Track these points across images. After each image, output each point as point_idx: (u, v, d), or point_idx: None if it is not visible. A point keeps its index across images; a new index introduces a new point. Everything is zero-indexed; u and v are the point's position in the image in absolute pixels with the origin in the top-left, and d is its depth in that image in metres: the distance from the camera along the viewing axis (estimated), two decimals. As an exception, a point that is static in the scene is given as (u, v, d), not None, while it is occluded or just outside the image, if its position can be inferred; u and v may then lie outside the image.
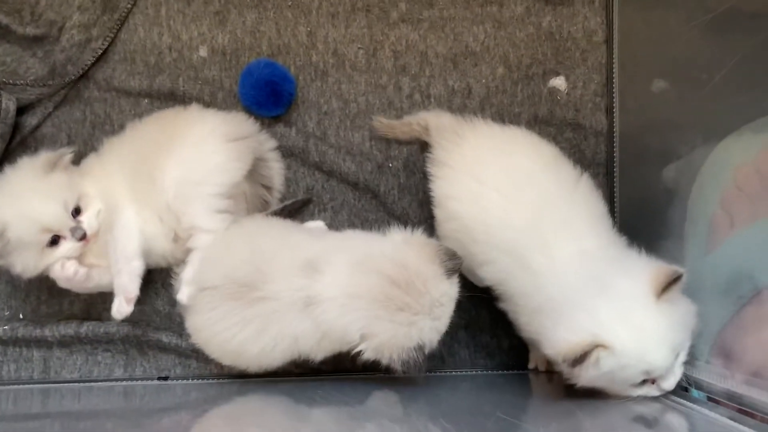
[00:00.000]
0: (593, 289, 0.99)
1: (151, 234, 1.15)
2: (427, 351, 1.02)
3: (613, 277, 0.99)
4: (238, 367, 1.14)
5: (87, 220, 1.12)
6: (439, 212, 1.17)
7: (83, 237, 1.11)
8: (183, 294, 1.14)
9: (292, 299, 1.03)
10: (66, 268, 1.12)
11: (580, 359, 0.95)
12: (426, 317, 1.01)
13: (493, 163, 1.12)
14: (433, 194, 1.18)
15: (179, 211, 1.14)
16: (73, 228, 1.10)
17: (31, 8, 1.25)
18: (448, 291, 1.04)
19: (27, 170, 1.12)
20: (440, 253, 1.04)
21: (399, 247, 1.05)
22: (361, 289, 1.02)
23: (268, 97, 1.25)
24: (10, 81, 1.23)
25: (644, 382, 0.99)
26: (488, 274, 1.12)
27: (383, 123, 1.27)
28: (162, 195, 1.14)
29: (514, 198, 1.08)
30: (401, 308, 1.00)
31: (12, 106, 1.22)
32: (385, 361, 1.01)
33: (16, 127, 1.25)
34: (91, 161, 1.18)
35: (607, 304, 0.97)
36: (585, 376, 0.97)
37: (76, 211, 1.11)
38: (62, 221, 1.09)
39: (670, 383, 0.99)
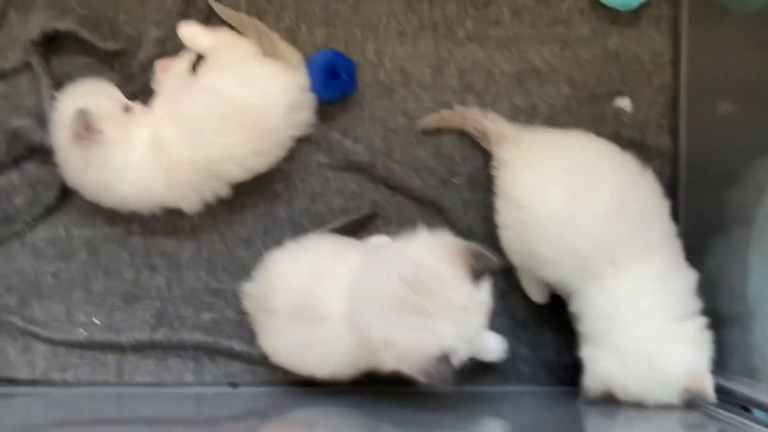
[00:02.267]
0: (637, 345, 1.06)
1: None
2: (455, 361, 0.96)
3: (664, 350, 1.07)
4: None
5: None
6: (501, 204, 1.20)
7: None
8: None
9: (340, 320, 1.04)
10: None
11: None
12: (444, 321, 0.94)
13: (558, 160, 1.16)
14: (498, 188, 1.21)
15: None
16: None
17: (110, 24, 1.29)
18: (474, 294, 0.97)
19: None
20: (465, 251, 0.98)
21: (420, 246, 1.01)
22: (376, 291, 0.98)
23: (327, 78, 1.26)
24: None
25: None
26: (553, 276, 1.15)
27: (432, 119, 1.30)
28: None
29: (582, 199, 1.11)
30: (413, 311, 0.95)
31: None
32: (408, 371, 0.97)
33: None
34: None
35: (639, 370, 1.07)
36: None
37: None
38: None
39: None
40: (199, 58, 1.27)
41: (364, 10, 1.32)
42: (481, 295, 0.99)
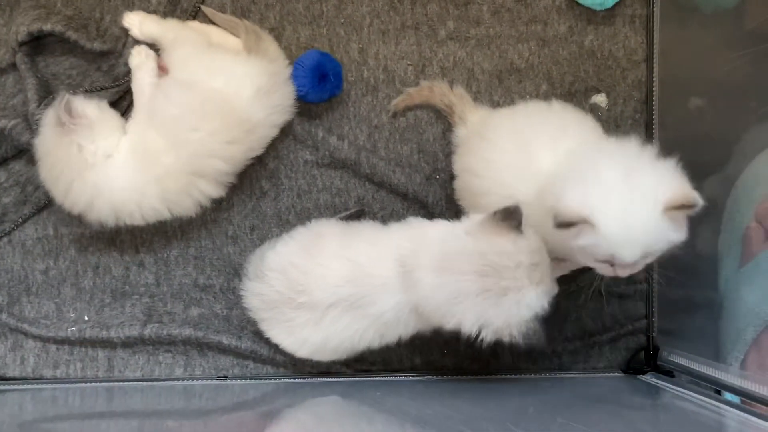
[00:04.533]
0: (615, 173, 1.02)
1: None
2: (542, 314, 1.04)
3: (639, 172, 1.02)
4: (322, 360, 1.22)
5: None
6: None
7: None
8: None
9: (396, 307, 1.10)
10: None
11: (565, 224, 1.00)
12: (529, 287, 1.02)
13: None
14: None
15: None
16: None
17: (96, 24, 1.31)
18: (531, 245, 1.04)
19: None
20: (499, 219, 1.04)
21: (466, 238, 1.06)
22: (457, 292, 1.03)
23: (315, 80, 1.28)
24: (72, 92, 1.28)
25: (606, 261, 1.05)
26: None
27: (400, 99, 1.34)
28: None
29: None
30: (504, 293, 1.02)
31: None
32: (506, 340, 1.04)
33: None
34: None
35: (620, 191, 1.00)
36: (563, 238, 1.04)
37: None
38: None
39: (625, 272, 1.05)
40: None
41: (348, 10, 1.35)
42: (532, 240, 1.05)
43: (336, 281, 1.11)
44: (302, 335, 1.16)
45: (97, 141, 1.18)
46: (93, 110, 1.19)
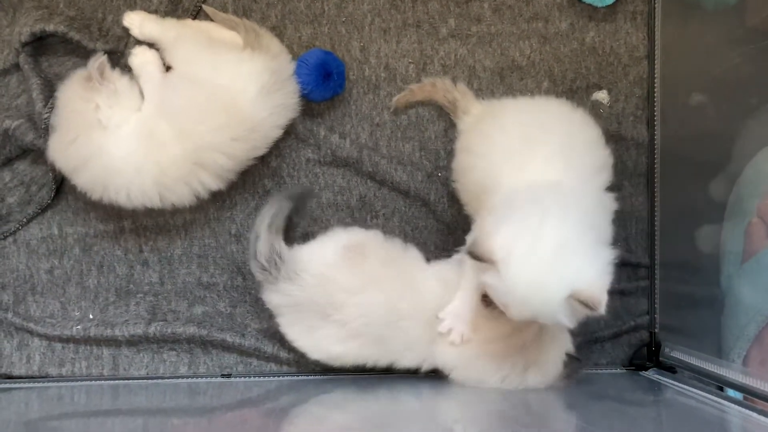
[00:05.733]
0: (554, 239, 0.99)
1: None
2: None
3: (574, 251, 0.99)
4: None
5: None
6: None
7: None
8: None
9: (417, 361, 1.19)
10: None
11: (475, 257, 1.01)
12: (548, 351, 1.12)
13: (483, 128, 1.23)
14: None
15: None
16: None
17: (98, 24, 1.32)
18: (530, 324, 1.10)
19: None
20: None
21: None
22: (482, 380, 1.14)
23: (320, 78, 1.29)
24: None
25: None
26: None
27: (402, 95, 1.34)
28: None
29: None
30: (525, 371, 1.13)
31: None
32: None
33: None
34: None
35: (545, 259, 0.98)
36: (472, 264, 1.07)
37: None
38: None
39: (512, 317, 1.04)
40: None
41: (349, 8, 1.35)
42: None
43: (372, 317, 1.15)
44: (321, 343, 1.19)
45: (114, 108, 1.22)
46: (123, 81, 1.24)
